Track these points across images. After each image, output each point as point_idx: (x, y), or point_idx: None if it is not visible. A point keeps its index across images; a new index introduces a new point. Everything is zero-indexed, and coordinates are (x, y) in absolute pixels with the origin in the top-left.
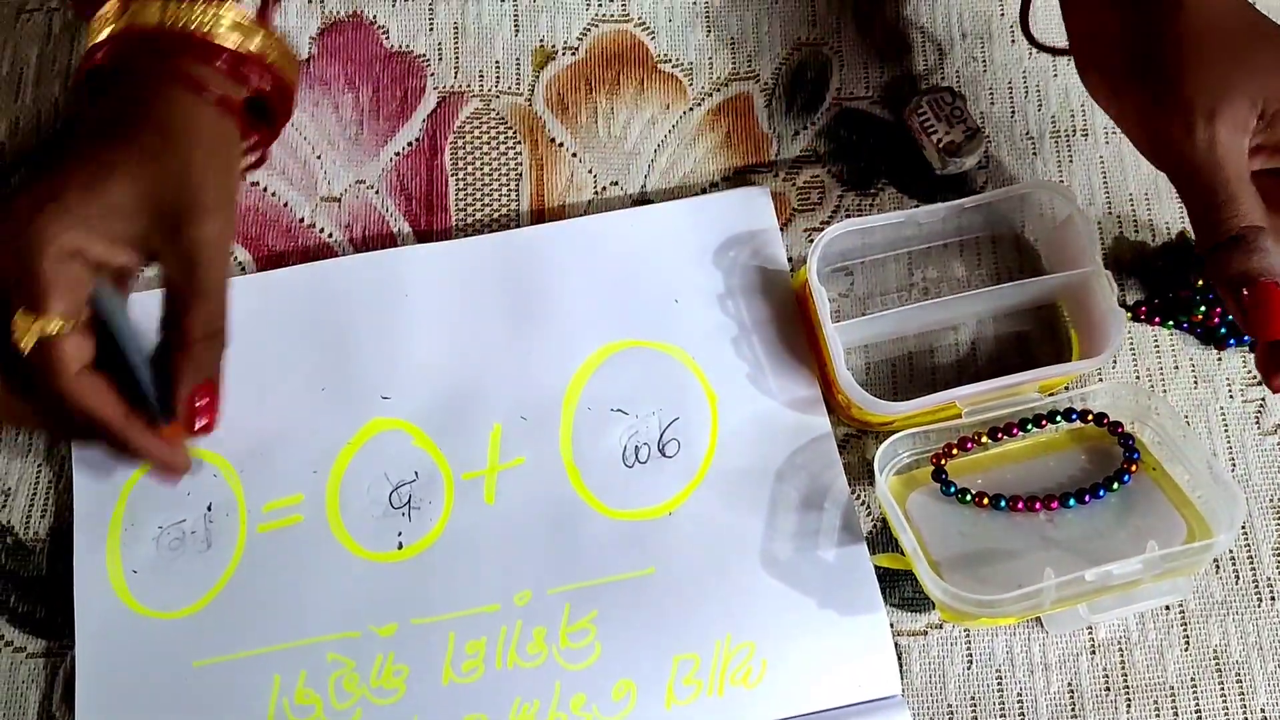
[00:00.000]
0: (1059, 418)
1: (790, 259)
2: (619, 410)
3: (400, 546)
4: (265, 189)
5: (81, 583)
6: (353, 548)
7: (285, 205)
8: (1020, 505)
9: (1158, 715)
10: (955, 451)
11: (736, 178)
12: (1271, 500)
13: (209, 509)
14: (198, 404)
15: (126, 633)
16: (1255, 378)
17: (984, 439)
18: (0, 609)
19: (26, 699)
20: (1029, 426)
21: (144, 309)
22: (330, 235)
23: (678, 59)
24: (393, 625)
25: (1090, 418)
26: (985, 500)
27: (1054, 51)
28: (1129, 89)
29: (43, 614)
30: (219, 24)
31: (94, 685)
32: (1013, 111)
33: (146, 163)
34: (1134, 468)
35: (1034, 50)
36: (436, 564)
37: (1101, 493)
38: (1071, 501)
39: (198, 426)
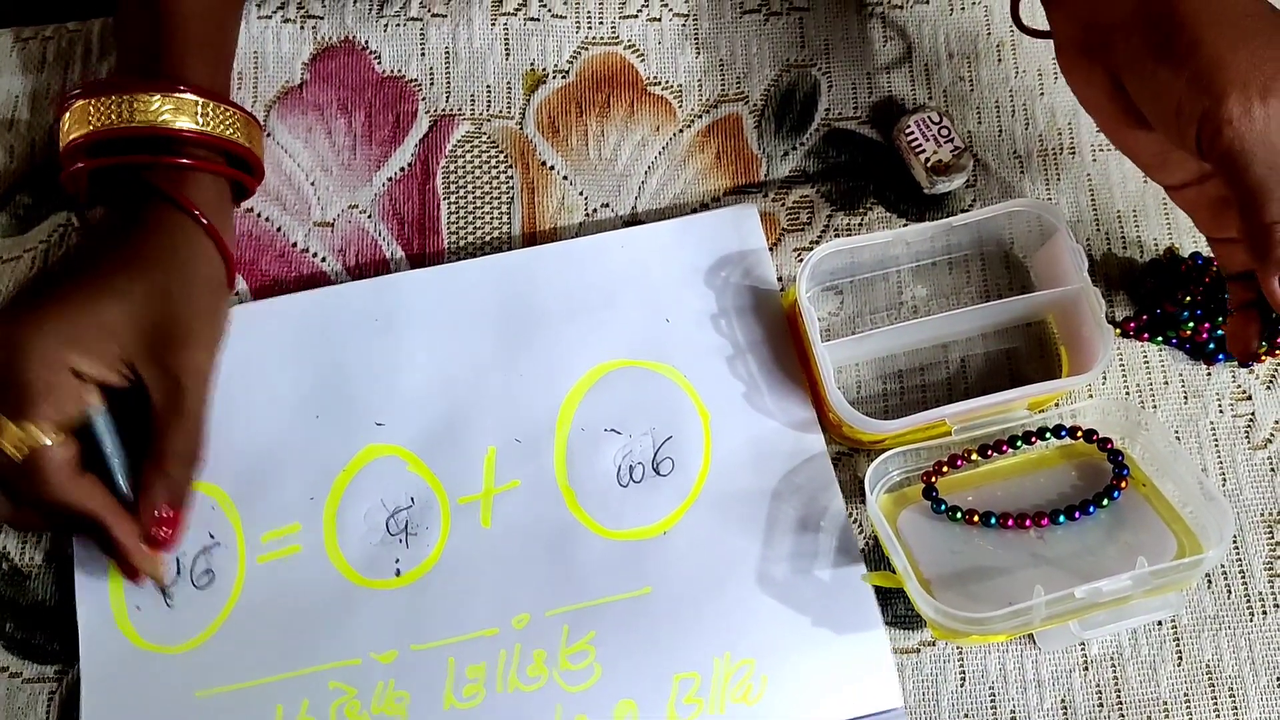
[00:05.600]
0: (1048, 434)
1: (780, 278)
2: (612, 430)
3: (398, 573)
4: (259, 214)
5: (85, 620)
6: (351, 576)
7: (279, 230)
8: (1010, 522)
9: None
10: (946, 469)
11: (726, 198)
12: (1262, 514)
13: (209, 539)
14: (163, 516)
15: (130, 668)
16: (1245, 392)
17: (974, 456)
18: None
19: None
20: (1019, 443)
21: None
22: (323, 260)
23: (667, 81)
24: (393, 652)
25: (1080, 434)
26: (976, 518)
27: (1047, 35)
28: (1155, 74)
29: (39, 640)
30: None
31: (99, 718)
32: (1000, 130)
33: (140, 290)
34: (1124, 484)
35: (1020, 71)
36: (434, 589)
37: (1091, 509)
38: (1062, 518)
39: (159, 539)
